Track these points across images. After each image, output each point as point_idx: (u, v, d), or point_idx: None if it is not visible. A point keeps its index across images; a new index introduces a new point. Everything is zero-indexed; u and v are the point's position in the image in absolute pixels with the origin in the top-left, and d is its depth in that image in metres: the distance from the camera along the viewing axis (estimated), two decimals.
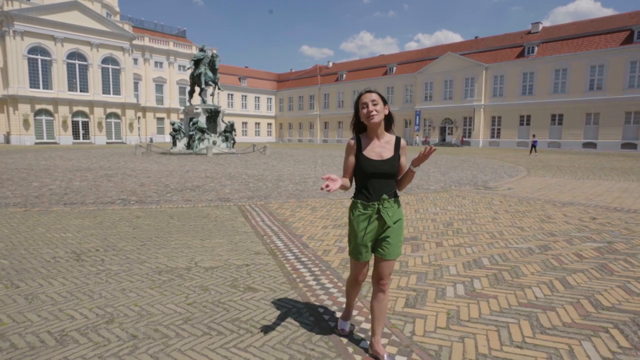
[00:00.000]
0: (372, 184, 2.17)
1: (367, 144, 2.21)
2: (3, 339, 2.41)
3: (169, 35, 56.69)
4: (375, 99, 2.14)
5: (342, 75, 61.96)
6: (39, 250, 4.22)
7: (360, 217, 2.19)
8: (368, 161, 2.16)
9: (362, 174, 2.19)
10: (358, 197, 2.22)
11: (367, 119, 2.14)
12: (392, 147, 2.22)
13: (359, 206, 2.20)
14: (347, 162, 2.24)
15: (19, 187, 9.02)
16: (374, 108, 2.13)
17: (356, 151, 2.20)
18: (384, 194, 2.16)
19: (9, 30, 38.01)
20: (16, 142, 38.76)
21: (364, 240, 2.20)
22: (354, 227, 2.22)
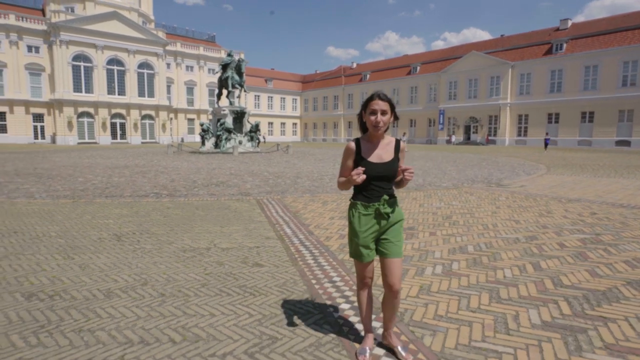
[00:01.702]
0: (372, 186, 2.18)
1: (367, 147, 2.22)
2: (65, 293, 3.14)
3: (199, 41, 58.71)
4: (386, 110, 2.13)
5: (365, 75, 62.18)
6: (87, 233, 5.03)
7: (361, 217, 2.20)
8: (369, 164, 2.16)
9: None
10: (357, 199, 2.23)
11: (373, 128, 2.15)
12: (392, 150, 2.22)
13: (359, 207, 2.21)
14: (345, 165, 2.26)
15: (66, 182, 10.10)
16: (382, 119, 2.12)
17: (356, 155, 2.21)
18: (384, 195, 2.19)
19: (56, 39, 40.72)
20: (61, 142, 41.42)
21: (365, 240, 2.20)
22: (355, 228, 2.22)
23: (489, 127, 46.17)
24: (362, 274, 2.31)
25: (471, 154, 26.83)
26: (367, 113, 2.17)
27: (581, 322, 2.73)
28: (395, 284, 2.20)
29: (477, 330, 2.61)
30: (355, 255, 2.27)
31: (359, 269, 2.31)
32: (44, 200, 7.54)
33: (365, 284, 2.33)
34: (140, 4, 49.01)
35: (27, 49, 41.51)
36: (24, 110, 41.90)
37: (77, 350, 2.30)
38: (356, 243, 2.24)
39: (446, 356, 2.30)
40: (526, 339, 2.50)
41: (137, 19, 47.23)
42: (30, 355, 2.25)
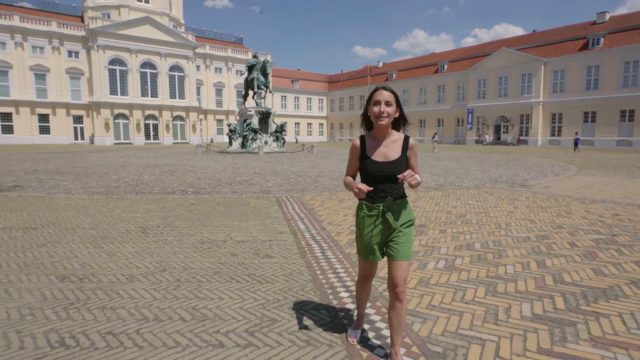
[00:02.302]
0: (377, 185, 2.08)
1: (372, 144, 2.12)
2: (94, 277, 3.49)
3: (227, 43, 60.04)
4: (390, 100, 2.03)
5: (391, 74, 61.69)
6: (116, 225, 5.45)
7: (365, 218, 2.13)
8: (372, 163, 2.07)
9: (367, 175, 2.11)
10: (363, 199, 2.14)
11: (376, 119, 2.04)
12: (400, 148, 2.10)
13: (364, 207, 2.14)
14: (351, 163, 2.19)
15: (101, 180, 10.76)
16: (385, 109, 2.02)
17: (360, 152, 2.13)
18: (389, 196, 2.08)
19: (93, 45, 42.82)
20: (99, 142, 43.50)
21: (370, 242, 2.13)
22: (360, 229, 2.17)
23: (520, 127, 44.84)
24: (365, 271, 2.30)
25: (500, 154, 26.23)
26: (371, 105, 2.06)
27: (573, 316, 2.80)
28: (399, 285, 2.08)
29: (467, 320, 2.73)
30: (361, 253, 2.24)
31: (362, 266, 2.31)
32: (80, 195, 8.11)
33: (366, 278, 2.33)
34: (171, 8, 50.70)
35: (67, 54, 43.84)
36: (65, 113, 44.27)
37: (100, 324, 2.61)
38: (361, 243, 2.19)
39: (431, 341, 2.45)
40: (512, 329, 2.61)
41: (168, 23, 48.89)
42: (60, 326, 2.58)
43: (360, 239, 2.19)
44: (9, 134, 41.43)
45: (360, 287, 2.39)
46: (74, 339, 2.42)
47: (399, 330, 2.17)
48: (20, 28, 40.76)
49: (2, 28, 40.04)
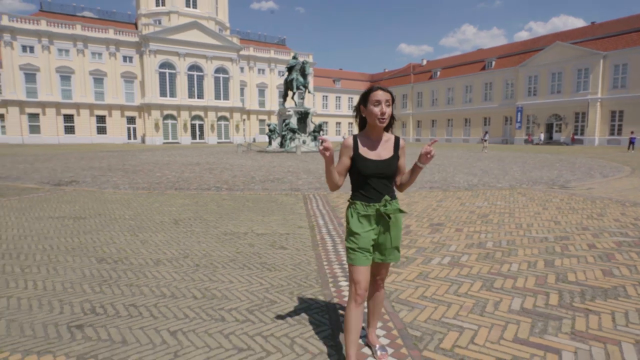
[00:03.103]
0: (371, 185, 2.07)
1: (365, 143, 2.10)
2: (126, 260, 3.97)
3: (271, 44, 61.46)
4: (389, 100, 2.02)
5: (436, 72, 60.33)
6: (152, 217, 6.01)
7: (360, 219, 2.08)
8: (366, 161, 2.05)
9: (360, 174, 2.08)
10: (356, 199, 2.12)
11: (378, 120, 2.01)
12: (392, 147, 2.12)
13: (358, 207, 2.09)
14: (341, 162, 2.12)
15: (146, 176, 11.64)
16: (387, 110, 2.00)
17: (353, 152, 2.09)
18: (386, 195, 2.08)
19: (145, 50, 45.60)
20: (149, 142, 46.26)
21: (365, 243, 2.06)
22: (353, 230, 2.08)
23: (574, 125, 42.32)
24: (356, 280, 2.04)
25: (549, 154, 25.04)
26: (369, 105, 2.02)
27: (562, 312, 2.86)
28: (382, 276, 2.25)
29: (453, 310, 2.88)
30: (352, 257, 2.07)
31: (353, 273, 2.06)
32: (126, 190, 8.89)
33: (358, 295, 2.03)
34: (217, 12, 52.73)
35: (122, 59, 46.98)
36: (120, 114, 47.50)
37: (125, 298, 3.04)
38: (354, 245, 2.06)
39: (413, 326, 2.63)
40: (495, 320, 2.73)
41: (214, 27, 50.91)
42: (93, 298, 3.04)
43: (354, 241, 2.06)
44: (71, 134, 45.11)
45: (351, 311, 2.04)
46: (103, 308, 2.86)
47: (375, 314, 2.31)
48: (81, 36, 44.23)
49: (66, 37, 43.67)
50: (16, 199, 7.59)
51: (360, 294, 2.03)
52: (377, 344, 2.34)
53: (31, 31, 42.00)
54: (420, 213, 6.48)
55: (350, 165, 2.11)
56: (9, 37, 41.27)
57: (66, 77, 44.34)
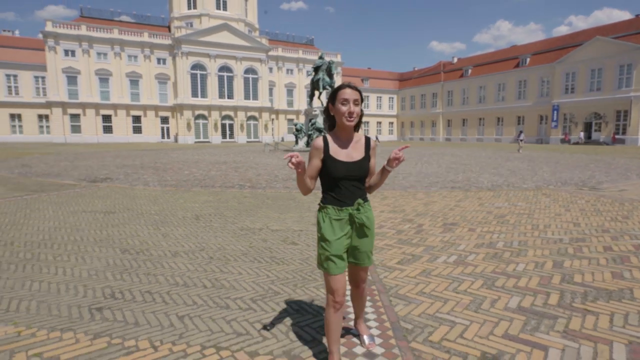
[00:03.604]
0: (342, 187, 2.01)
1: (335, 144, 2.04)
2: (147, 251, 4.27)
3: (299, 44, 61.97)
4: (357, 99, 1.96)
5: (467, 70, 58.91)
6: (176, 212, 6.35)
7: (332, 223, 2.01)
8: (337, 163, 1.99)
9: (330, 177, 2.02)
10: (327, 202, 2.04)
11: (345, 119, 1.96)
12: (363, 148, 2.07)
13: (330, 211, 2.02)
14: (312, 164, 2.04)
15: (175, 174, 12.16)
16: (355, 109, 1.95)
17: (324, 153, 2.02)
18: (359, 198, 2.03)
19: (178, 52, 47.15)
20: (182, 141, 47.80)
21: (337, 248, 2.00)
22: (326, 235, 2.00)
23: (615, 124, 40.27)
24: (333, 288, 2.00)
25: (585, 154, 24.04)
26: (337, 103, 1.97)
27: (559, 311, 2.88)
28: (362, 283, 2.25)
29: (449, 306, 2.96)
30: (325, 265, 2.01)
31: (329, 282, 2.02)
32: (155, 187, 9.36)
33: (337, 302, 2.01)
34: (246, 14, 53.71)
35: (156, 61, 48.76)
36: (154, 114, 49.34)
37: (142, 285, 3.31)
38: (327, 252, 1.99)
39: (406, 319, 2.74)
40: (488, 317, 2.78)
41: (244, 28, 51.90)
42: (114, 284, 3.32)
43: (327, 247, 1.99)
44: (109, 134, 47.29)
45: (330, 316, 2.03)
46: (121, 294, 3.13)
47: (361, 308, 2.40)
48: (118, 40, 46.25)
49: (104, 40, 45.80)
50: (55, 194, 8.17)
51: (339, 301, 2.00)
52: (365, 333, 2.40)
53: (72, 36, 44.33)
54: (436, 213, 6.50)
55: (321, 167, 2.03)
56: (53, 42, 43.72)
57: (104, 79, 46.51)
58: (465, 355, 2.30)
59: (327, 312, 2.05)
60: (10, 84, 46.76)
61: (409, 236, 5.01)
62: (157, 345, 2.37)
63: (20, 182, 10.21)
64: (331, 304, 2.02)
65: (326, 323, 2.06)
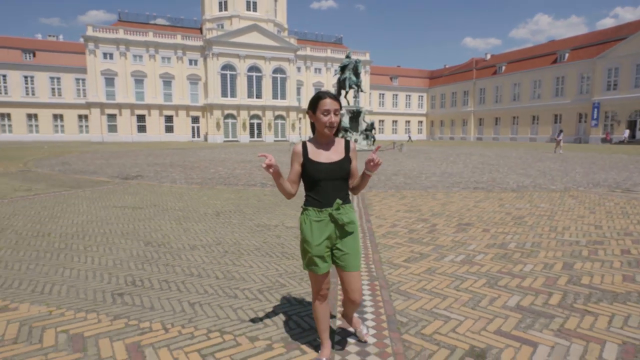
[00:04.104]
0: (322, 188, 2.06)
1: (315, 148, 2.11)
2: (168, 244, 4.56)
3: (327, 43, 62.12)
4: (337, 109, 2.06)
5: (500, 67, 57.21)
6: (198, 209, 6.67)
7: (313, 224, 2.06)
8: (317, 164, 2.06)
9: (311, 179, 2.08)
10: (308, 204, 2.10)
11: (327, 128, 2.05)
12: (342, 150, 2.13)
13: (311, 213, 2.07)
14: (293, 169, 2.14)
15: (201, 172, 12.63)
16: (335, 119, 2.05)
17: (303, 158, 2.10)
18: (338, 199, 2.06)
19: (209, 53, 48.43)
20: (211, 140, 49.09)
21: (319, 250, 2.05)
22: (307, 237, 2.07)
23: None
24: (318, 287, 2.14)
25: (626, 154, 22.97)
26: (318, 113, 2.06)
27: (558, 311, 2.90)
28: (357, 299, 2.15)
29: (446, 302, 3.04)
30: (309, 266, 2.11)
31: (313, 281, 2.14)
32: (181, 185, 9.79)
33: (321, 296, 2.16)
34: (275, 14, 54.41)
35: (188, 62, 50.27)
36: (185, 114, 50.92)
37: (160, 275, 3.58)
38: (309, 253, 2.07)
39: (402, 314, 2.85)
40: (484, 313, 2.85)
41: (273, 28, 52.62)
42: (135, 273, 3.61)
43: (309, 249, 2.07)
44: (143, 133, 49.21)
45: (317, 307, 2.19)
46: (141, 281, 3.41)
47: (353, 312, 2.38)
48: (153, 42, 48.03)
49: (140, 43, 47.67)
50: (90, 190, 8.73)
51: (323, 294, 2.16)
52: (358, 326, 2.45)
53: (111, 39, 46.43)
54: (452, 213, 6.50)
55: (302, 171, 2.12)
56: (93, 45, 45.95)
57: (139, 81, 48.43)
58: (454, 347, 2.39)
59: (314, 304, 2.22)
60: (53, 86, 49.57)
61: (420, 235, 5.08)
62: (168, 328, 2.60)
63: (59, 178, 10.93)
64: (316, 297, 2.18)
65: (314, 314, 2.23)
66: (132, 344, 2.40)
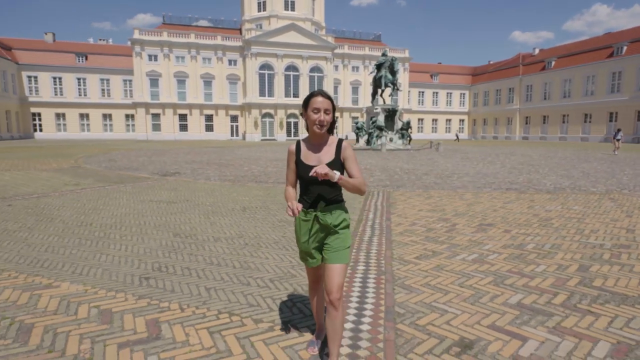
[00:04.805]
0: (311, 190, 2.08)
1: (307, 149, 2.13)
2: (194, 236, 4.93)
3: (365, 41, 61.82)
4: (328, 108, 2.05)
5: (550, 62, 54.40)
6: (227, 204, 7.05)
7: (301, 223, 2.13)
8: (306, 167, 2.07)
9: (302, 180, 2.12)
10: (300, 203, 2.12)
11: (316, 127, 2.05)
12: (334, 150, 2.10)
13: (301, 213, 2.11)
14: (289, 169, 2.18)
15: (235, 170, 13.15)
16: (325, 117, 2.04)
17: (295, 156, 2.14)
18: (322, 201, 2.07)
19: (248, 53, 49.73)
20: (249, 139, 50.42)
21: (307, 247, 2.13)
22: (296, 234, 2.18)
23: None
24: (310, 277, 2.32)
25: None
26: (308, 111, 2.06)
27: (559, 310, 2.92)
28: (332, 291, 2.03)
29: (447, 297, 3.14)
30: (302, 258, 2.24)
31: (307, 272, 2.33)
32: (214, 182, 10.29)
33: (315, 286, 2.33)
34: (313, 13, 54.86)
35: (228, 62, 51.90)
36: (225, 113, 52.62)
37: (184, 262, 3.93)
38: (299, 248, 2.21)
39: (401, 306, 2.98)
40: (482, 309, 2.93)
41: (311, 27, 53.12)
42: (162, 260, 3.98)
43: (298, 244, 2.19)
44: (184, 132, 51.39)
45: (312, 296, 2.38)
46: (165, 268, 3.76)
47: (334, 340, 2.07)
48: (194, 44, 49.99)
49: (182, 45, 49.79)
50: (131, 186, 9.40)
51: (316, 286, 2.34)
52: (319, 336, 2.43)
53: (155, 42, 48.84)
54: (476, 213, 6.46)
55: (295, 169, 2.16)
56: (139, 48, 48.55)
57: (182, 81, 50.60)
58: (444, 337, 2.51)
59: (310, 293, 2.41)
60: (103, 87, 52.82)
61: (437, 234, 5.13)
62: (184, 308, 2.90)
63: (105, 174, 11.80)
64: (311, 285, 2.36)
65: (311, 301, 2.42)
66: (151, 320, 2.71)
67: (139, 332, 2.55)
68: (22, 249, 4.38)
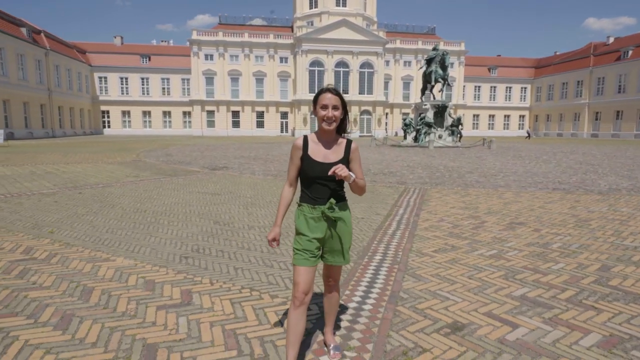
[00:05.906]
0: (317, 187, 2.08)
1: (315, 145, 2.11)
2: (232, 224, 5.44)
3: (418, 35, 60.38)
4: (337, 104, 2.04)
5: (626, 52, 49.16)
6: (265, 197, 7.56)
7: (307, 220, 2.09)
8: (313, 163, 2.06)
9: (306, 176, 2.10)
10: (303, 201, 2.13)
11: (325, 123, 2.05)
12: (342, 150, 2.11)
13: (305, 209, 2.10)
14: (294, 163, 2.14)
15: (279, 165, 13.75)
16: (333, 114, 2.03)
17: (302, 152, 2.10)
18: (332, 198, 2.07)
19: (299, 50, 50.69)
20: (298, 135, 51.38)
21: (308, 245, 2.07)
22: (302, 230, 2.10)
23: None
24: (297, 281, 2.04)
25: None
26: (317, 108, 2.06)
27: (561, 304, 3.01)
28: (334, 278, 2.25)
29: (453, 287, 3.32)
30: (296, 259, 2.08)
31: (295, 274, 2.07)
32: (258, 176, 10.91)
33: (300, 299, 2.02)
34: (365, 8, 54.58)
35: (279, 60, 53.25)
36: (275, 110, 54.12)
37: (218, 245, 4.43)
38: (298, 246, 2.09)
39: (406, 292, 3.22)
40: (483, 299, 3.09)
41: (362, 22, 52.95)
42: (201, 243, 4.51)
43: (299, 242, 2.09)
44: (237, 128, 53.60)
45: (292, 315, 2.04)
46: (203, 250, 4.28)
47: (331, 314, 2.31)
48: (248, 42, 51.85)
49: (236, 44, 51.84)
50: (182, 178, 10.26)
51: (298, 296, 2.01)
52: (332, 343, 2.34)
53: (211, 42, 51.31)
54: (510, 212, 6.42)
55: (300, 165, 2.12)
56: (197, 48, 51.26)
57: (235, 79, 52.75)
58: (438, 320, 2.73)
59: (290, 311, 2.06)
60: (164, 86, 56.43)
61: (462, 231, 5.23)
62: (214, 283, 3.36)
63: (161, 167, 12.89)
64: (292, 298, 2.06)
65: (288, 321, 2.07)
66: (185, 290, 3.20)
67: (174, 299, 3.04)
68: (88, 229, 5.13)
